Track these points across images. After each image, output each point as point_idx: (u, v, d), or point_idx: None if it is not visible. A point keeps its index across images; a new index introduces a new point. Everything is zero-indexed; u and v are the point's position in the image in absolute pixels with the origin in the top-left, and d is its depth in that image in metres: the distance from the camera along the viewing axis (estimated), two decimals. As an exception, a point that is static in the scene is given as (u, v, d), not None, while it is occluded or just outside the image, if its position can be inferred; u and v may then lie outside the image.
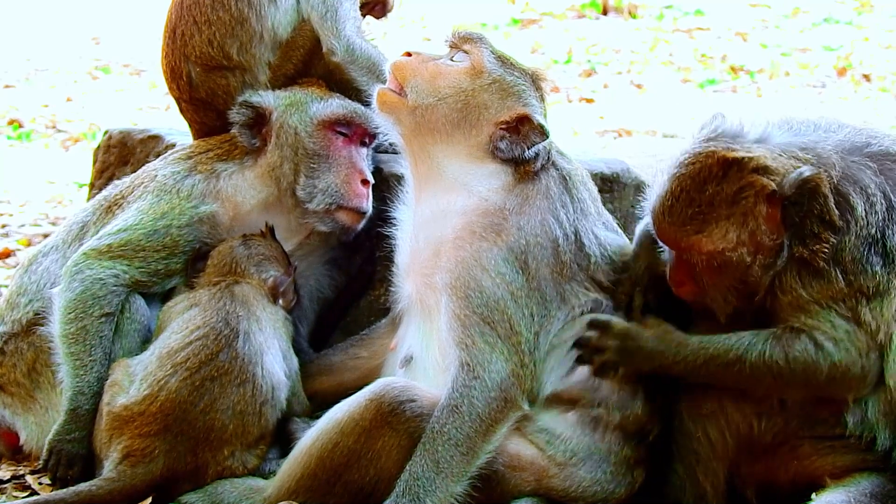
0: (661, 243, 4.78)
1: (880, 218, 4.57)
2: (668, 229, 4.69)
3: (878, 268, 4.54)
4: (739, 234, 4.60)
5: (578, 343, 4.76)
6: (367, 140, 5.52)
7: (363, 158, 5.47)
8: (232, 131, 5.50)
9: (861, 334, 4.54)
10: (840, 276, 4.53)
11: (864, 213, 4.56)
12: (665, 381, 4.82)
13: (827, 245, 4.54)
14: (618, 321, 4.77)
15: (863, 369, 4.54)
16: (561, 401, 4.76)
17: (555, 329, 4.81)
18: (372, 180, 5.42)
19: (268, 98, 5.48)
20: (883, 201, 4.59)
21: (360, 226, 5.43)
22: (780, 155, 4.63)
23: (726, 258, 4.61)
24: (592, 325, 4.76)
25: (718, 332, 4.67)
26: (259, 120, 5.46)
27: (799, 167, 4.56)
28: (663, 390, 4.83)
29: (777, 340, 4.57)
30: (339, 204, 5.37)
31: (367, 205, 5.40)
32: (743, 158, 4.60)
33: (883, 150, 4.72)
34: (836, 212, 4.54)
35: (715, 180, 4.60)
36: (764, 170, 4.58)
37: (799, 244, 4.57)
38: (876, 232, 4.56)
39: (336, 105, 5.47)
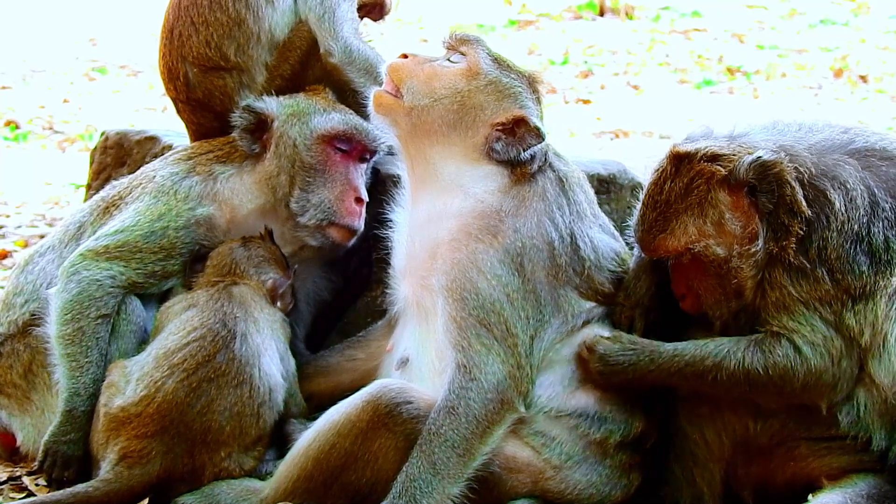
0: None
1: (862, 213, 4.57)
2: (643, 239, 4.78)
3: (864, 267, 4.55)
4: (700, 225, 4.64)
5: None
6: (367, 156, 5.50)
7: (360, 175, 5.44)
8: (232, 134, 5.49)
9: (837, 341, 4.54)
10: (826, 275, 4.54)
11: (843, 208, 4.56)
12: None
13: (795, 239, 4.55)
14: (591, 340, 4.78)
15: (834, 377, 4.56)
16: (560, 417, 4.77)
17: (549, 337, 4.80)
18: (366, 199, 5.40)
19: (271, 104, 5.46)
20: (866, 196, 4.59)
21: (351, 243, 5.41)
22: (739, 146, 4.66)
23: (696, 254, 4.64)
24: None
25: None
26: (260, 126, 5.44)
27: (753, 153, 4.58)
28: (661, 397, 4.85)
29: (758, 346, 4.58)
30: (331, 220, 5.35)
31: (360, 223, 5.36)
32: (691, 150, 4.66)
33: (867, 147, 4.73)
34: (805, 203, 4.55)
35: (670, 177, 4.69)
36: (713, 157, 4.64)
37: (772, 239, 4.58)
38: (860, 228, 4.56)
39: (337, 120, 5.43)
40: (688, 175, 4.65)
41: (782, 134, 4.80)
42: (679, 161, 4.68)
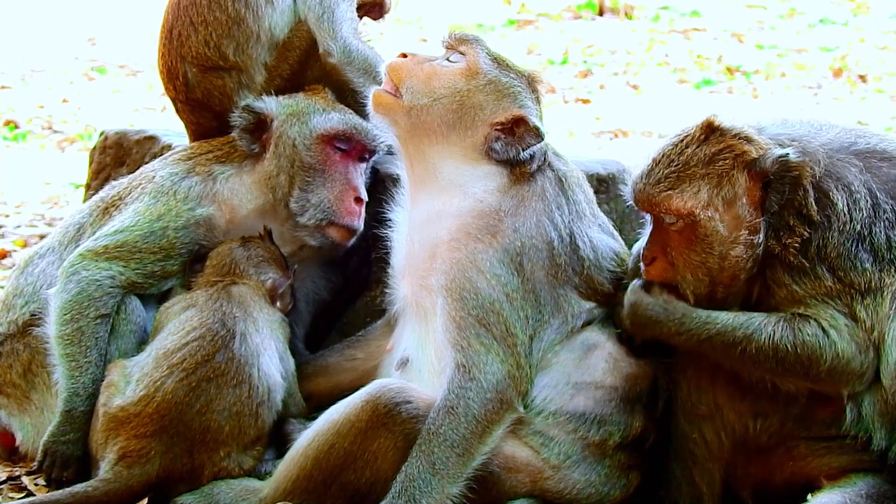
0: (636, 207, 4.80)
1: (865, 215, 4.58)
2: (644, 190, 4.70)
3: (867, 265, 4.55)
4: (712, 195, 4.62)
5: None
6: (366, 156, 5.49)
7: (360, 175, 5.43)
8: (232, 134, 5.49)
9: (859, 330, 4.55)
10: (827, 273, 4.55)
11: (846, 209, 4.57)
12: (663, 385, 4.85)
13: (799, 240, 4.55)
14: (631, 288, 4.76)
15: (861, 365, 4.55)
16: (560, 418, 4.77)
17: (548, 337, 4.80)
18: (366, 198, 5.40)
19: (270, 104, 5.45)
20: (868, 198, 4.60)
21: (350, 243, 5.41)
22: (770, 139, 4.67)
23: (697, 220, 4.61)
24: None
25: None
26: (260, 126, 5.44)
27: (784, 148, 4.60)
28: (661, 395, 4.85)
29: (787, 323, 4.57)
30: (331, 220, 5.34)
31: (359, 223, 5.36)
32: (726, 125, 4.67)
33: (870, 148, 4.73)
34: (816, 207, 4.56)
35: (696, 143, 4.68)
36: (747, 139, 4.64)
37: (773, 236, 4.58)
38: (862, 229, 4.57)
39: (337, 119, 5.42)
40: (717, 146, 4.64)
41: (795, 130, 4.81)
42: (711, 131, 4.67)
